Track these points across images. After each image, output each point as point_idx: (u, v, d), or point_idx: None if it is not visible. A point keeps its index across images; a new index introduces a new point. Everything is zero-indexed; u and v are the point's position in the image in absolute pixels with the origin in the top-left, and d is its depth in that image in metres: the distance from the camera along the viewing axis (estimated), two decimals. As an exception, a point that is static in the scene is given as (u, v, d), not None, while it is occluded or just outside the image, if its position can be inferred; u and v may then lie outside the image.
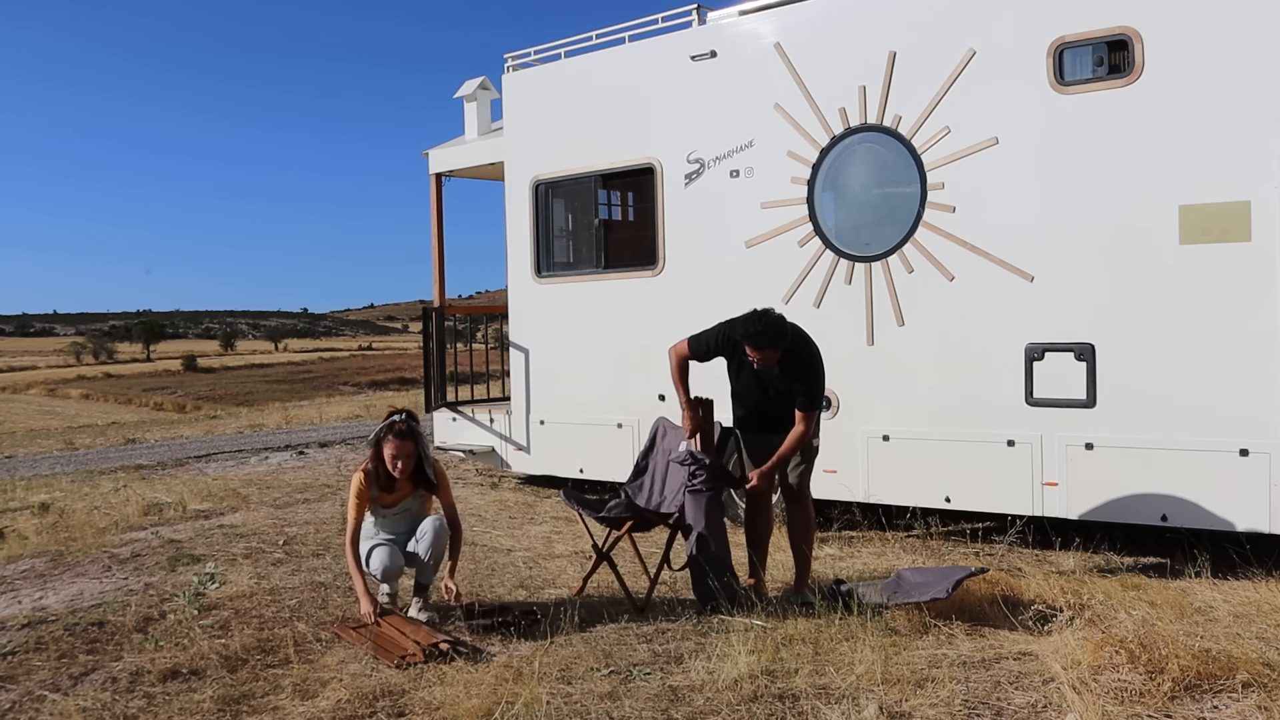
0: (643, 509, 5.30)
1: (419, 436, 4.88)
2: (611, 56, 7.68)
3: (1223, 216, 5.27)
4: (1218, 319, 5.31)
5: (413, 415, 4.91)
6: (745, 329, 4.82)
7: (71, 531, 7.20)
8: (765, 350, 4.79)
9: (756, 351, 4.80)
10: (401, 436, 4.79)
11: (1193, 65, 5.32)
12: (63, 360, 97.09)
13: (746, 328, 4.82)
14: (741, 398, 5.15)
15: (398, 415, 4.86)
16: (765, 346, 4.79)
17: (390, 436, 4.79)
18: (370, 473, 4.83)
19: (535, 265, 8.14)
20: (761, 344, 4.78)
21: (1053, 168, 5.74)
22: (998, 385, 5.93)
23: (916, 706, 3.63)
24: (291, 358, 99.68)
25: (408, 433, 4.81)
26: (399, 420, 4.83)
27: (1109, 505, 5.64)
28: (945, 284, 6.10)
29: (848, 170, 6.47)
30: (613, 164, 7.66)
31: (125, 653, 4.53)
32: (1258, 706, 3.50)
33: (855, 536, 6.61)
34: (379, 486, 4.86)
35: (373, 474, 4.84)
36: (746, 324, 4.84)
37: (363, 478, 4.82)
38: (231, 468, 11.22)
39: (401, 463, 4.80)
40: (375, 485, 4.85)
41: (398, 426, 4.81)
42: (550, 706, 3.70)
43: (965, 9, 6.02)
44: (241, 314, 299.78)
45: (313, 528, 7.22)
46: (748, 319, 4.86)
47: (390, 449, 4.78)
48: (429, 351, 9.09)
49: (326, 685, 4.04)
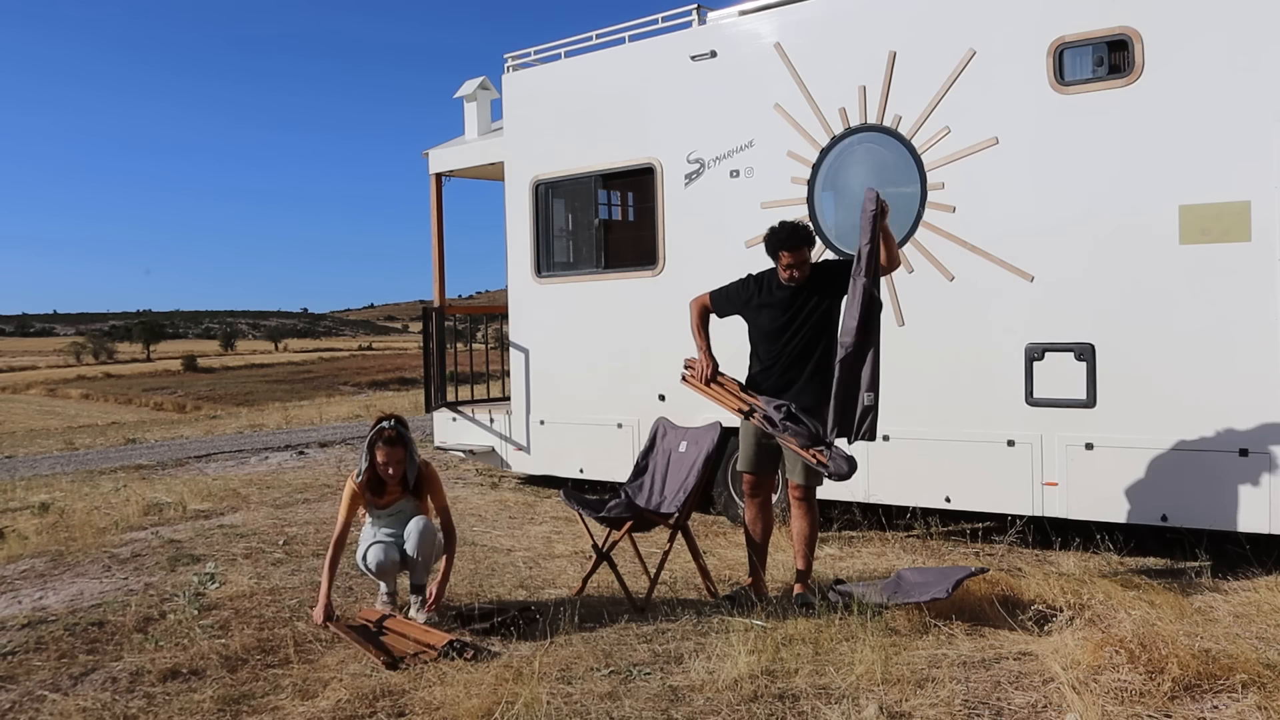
0: (643, 509, 5.30)
1: (408, 442, 4.99)
2: (611, 56, 7.68)
3: (1223, 216, 5.27)
4: (1218, 319, 5.31)
5: (402, 421, 5.01)
6: (777, 236, 4.97)
7: (71, 531, 7.20)
8: (800, 249, 4.93)
9: (792, 254, 4.92)
10: (390, 443, 4.91)
11: (1193, 65, 5.32)
12: (63, 360, 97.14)
13: (778, 235, 4.97)
14: (762, 346, 5.14)
15: (386, 422, 4.97)
16: (800, 245, 4.93)
17: (380, 443, 4.90)
18: (360, 480, 4.94)
19: (535, 265, 8.14)
20: (796, 243, 4.92)
21: (1053, 168, 5.74)
22: (998, 385, 5.93)
23: (916, 706, 3.62)
24: (291, 358, 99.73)
25: (397, 439, 4.92)
26: (388, 427, 4.94)
27: (1109, 505, 5.64)
28: (945, 284, 6.10)
29: (848, 170, 6.47)
30: (613, 164, 7.66)
31: (125, 653, 4.54)
32: (1257, 706, 3.49)
33: (855, 536, 6.61)
34: (371, 490, 4.98)
35: (362, 480, 4.94)
36: (776, 233, 4.99)
37: (354, 485, 4.95)
38: (231, 468, 11.22)
39: (392, 468, 4.92)
40: (368, 490, 4.97)
41: (386, 433, 4.92)
42: (550, 706, 3.70)
43: (965, 9, 6.02)
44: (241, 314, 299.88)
45: (313, 528, 7.22)
46: (774, 231, 5.01)
47: (381, 455, 4.89)
48: (429, 351, 9.09)
49: (326, 685, 4.04)
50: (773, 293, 5.06)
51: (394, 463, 4.90)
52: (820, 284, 5.03)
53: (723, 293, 5.29)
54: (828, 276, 5.05)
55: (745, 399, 5.11)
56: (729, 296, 5.25)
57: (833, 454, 4.84)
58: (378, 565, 4.94)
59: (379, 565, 4.94)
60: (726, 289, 5.28)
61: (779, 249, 4.96)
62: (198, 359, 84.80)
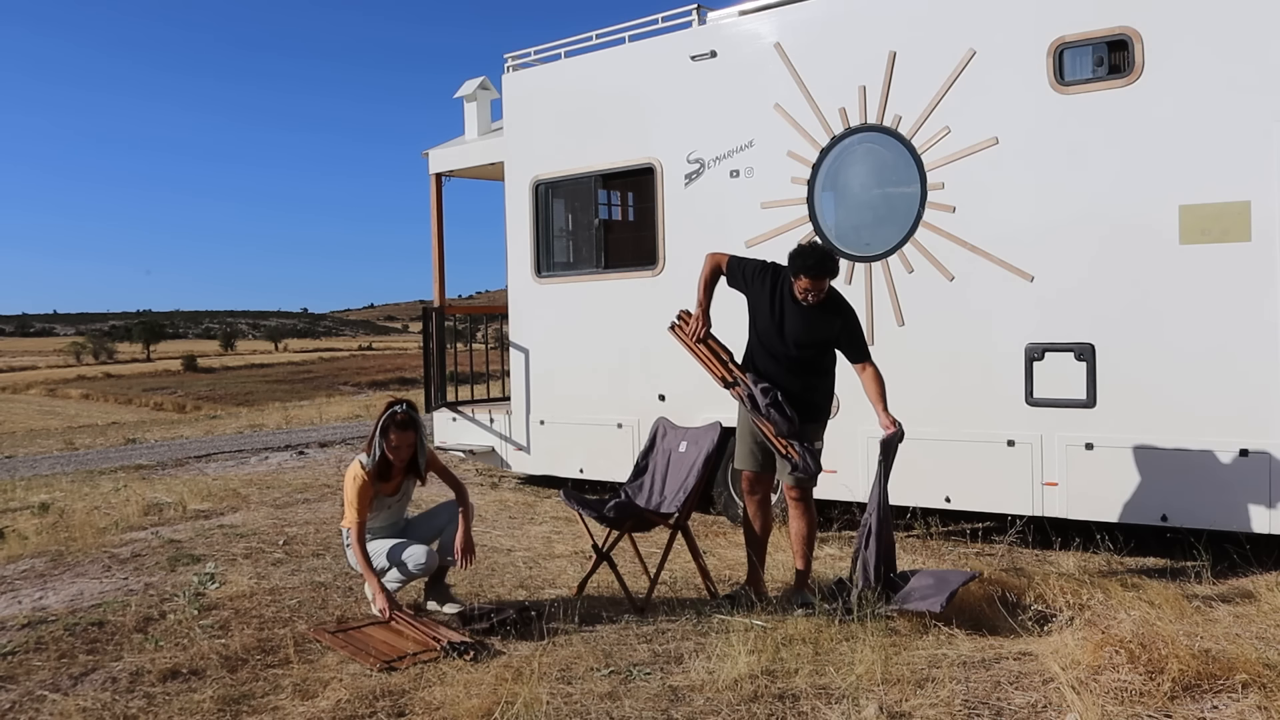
0: (643, 509, 5.30)
1: (419, 426, 4.97)
2: (611, 56, 7.68)
3: (1223, 216, 5.27)
4: (1218, 319, 5.31)
5: (412, 405, 4.99)
6: (804, 260, 4.85)
7: (71, 531, 7.20)
8: (821, 279, 4.84)
9: (813, 281, 4.83)
10: (403, 427, 4.86)
11: (1193, 65, 5.33)
12: (63, 360, 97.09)
13: (805, 259, 4.85)
14: (759, 338, 5.07)
15: (398, 406, 4.93)
16: (822, 275, 4.84)
17: (394, 428, 4.85)
18: (370, 469, 4.85)
19: (535, 265, 8.14)
20: (820, 273, 4.83)
21: (1053, 168, 5.74)
22: (998, 385, 5.93)
23: (916, 706, 3.62)
24: (291, 358, 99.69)
25: (409, 422, 4.89)
26: (400, 411, 4.90)
27: (1109, 505, 5.64)
28: (945, 284, 6.10)
29: (848, 170, 6.47)
30: (613, 164, 7.66)
31: (125, 653, 4.53)
32: (1257, 706, 3.49)
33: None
34: (379, 478, 4.91)
35: (372, 469, 4.86)
36: (803, 256, 4.88)
37: (362, 474, 4.84)
38: (231, 468, 11.22)
39: (403, 451, 4.88)
40: (375, 479, 4.89)
41: (399, 416, 4.87)
42: (550, 706, 3.70)
43: (965, 9, 6.02)
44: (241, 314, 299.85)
45: (313, 528, 7.22)
46: (802, 252, 4.91)
47: (394, 438, 4.85)
48: (429, 351, 9.09)
49: (326, 685, 4.04)
50: (784, 297, 4.98)
51: (405, 446, 4.86)
52: (824, 317, 4.95)
53: (740, 264, 5.15)
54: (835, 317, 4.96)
55: (732, 369, 5.03)
56: (745, 273, 5.12)
57: (804, 451, 4.83)
58: (424, 569, 4.86)
59: (425, 569, 4.86)
60: (746, 263, 5.16)
61: (801, 273, 4.84)
62: (198, 359, 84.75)
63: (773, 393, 4.87)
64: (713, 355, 5.12)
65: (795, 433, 4.85)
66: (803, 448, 4.83)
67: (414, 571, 4.89)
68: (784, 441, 4.85)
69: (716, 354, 5.13)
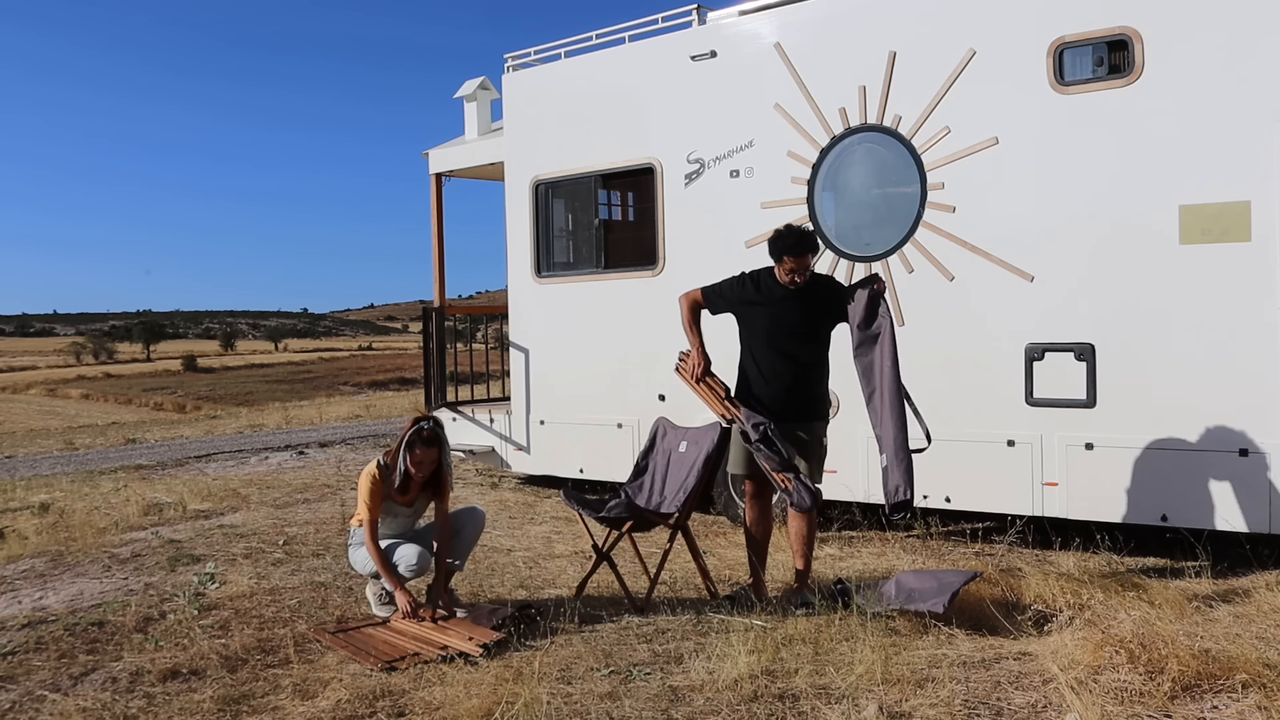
0: (643, 509, 5.30)
1: (444, 443, 4.99)
2: (611, 56, 7.68)
3: (1223, 216, 5.27)
4: (1218, 319, 5.31)
5: (439, 422, 5.01)
6: (784, 242, 4.93)
7: (71, 531, 7.20)
8: (804, 256, 4.92)
9: (796, 260, 4.90)
10: (428, 443, 4.89)
11: (1193, 65, 5.32)
12: (63, 360, 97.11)
13: (785, 240, 4.94)
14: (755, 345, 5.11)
15: (425, 423, 4.94)
16: (804, 251, 4.92)
17: (419, 444, 4.87)
18: (385, 471, 4.88)
19: (535, 265, 8.14)
20: (802, 249, 4.91)
21: (1053, 168, 5.74)
22: (998, 385, 5.93)
23: (916, 706, 3.62)
24: (291, 358, 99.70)
25: (434, 439, 4.92)
26: (426, 427, 4.91)
27: (1109, 505, 5.64)
28: (945, 284, 6.10)
29: (848, 170, 6.47)
30: (613, 164, 7.66)
31: (125, 653, 4.54)
32: (1257, 706, 3.49)
33: (855, 536, 6.61)
34: (395, 488, 4.92)
35: (388, 474, 4.88)
36: (783, 238, 4.96)
37: (377, 474, 4.86)
38: (231, 468, 11.22)
39: (425, 467, 4.90)
40: (389, 485, 4.91)
41: (425, 433, 4.89)
42: (550, 706, 3.70)
43: (965, 9, 6.02)
44: (241, 314, 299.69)
45: (313, 528, 7.22)
46: (780, 235, 4.98)
47: (418, 453, 4.86)
48: (429, 351, 9.09)
49: (326, 685, 4.04)
50: (770, 292, 5.06)
51: (428, 462, 4.89)
52: (816, 294, 5.03)
53: (715, 289, 5.26)
54: (825, 291, 5.08)
55: (728, 408, 5.11)
56: (722, 294, 5.23)
57: (798, 482, 4.87)
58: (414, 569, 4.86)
59: (416, 569, 4.87)
60: (719, 286, 5.25)
61: (784, 253, 4.94)
62: (198, 359, 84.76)
63: (763, 426, 4.92)
64: (710, 392, 5.22)
65: (789, 465, 4.91)
66: (798, 480, 4.87)
67: (404, 574, 4.88)
68: (780, 475, 4.90)
69: (714, 390, 5.22)
